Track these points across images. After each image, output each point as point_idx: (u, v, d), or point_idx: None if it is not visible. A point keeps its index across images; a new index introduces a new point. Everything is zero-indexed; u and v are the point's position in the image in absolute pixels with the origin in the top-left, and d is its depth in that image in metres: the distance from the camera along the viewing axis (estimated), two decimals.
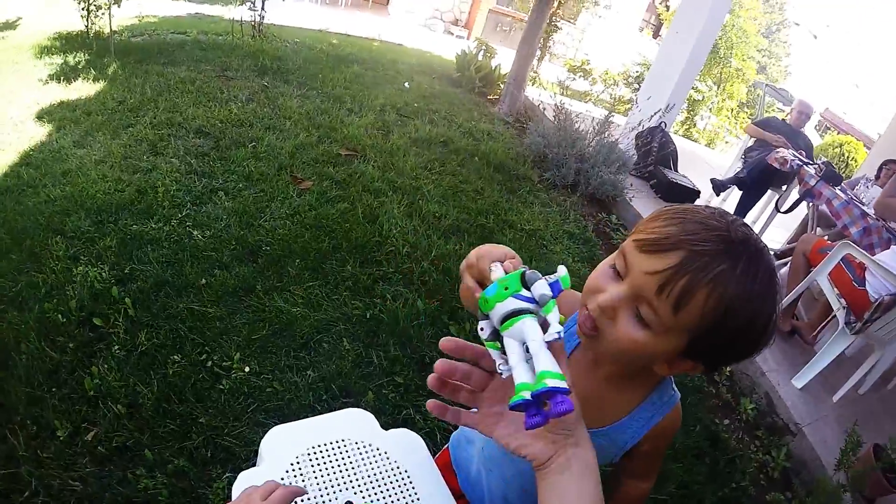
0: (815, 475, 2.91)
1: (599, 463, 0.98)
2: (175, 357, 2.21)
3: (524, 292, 0.65)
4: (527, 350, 0.63)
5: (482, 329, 0.68)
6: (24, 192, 3.07)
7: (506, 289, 0.65)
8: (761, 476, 2.86)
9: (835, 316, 3.72)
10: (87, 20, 5.74)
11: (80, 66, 5.04)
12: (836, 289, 3.64)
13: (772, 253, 4.10)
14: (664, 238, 0.76)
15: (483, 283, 0.71)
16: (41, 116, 3.99)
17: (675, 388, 1.01)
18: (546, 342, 0.62)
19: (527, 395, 0.60)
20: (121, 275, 2.58)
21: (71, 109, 4.18)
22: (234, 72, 5.74)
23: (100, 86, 4.72)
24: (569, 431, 0.66)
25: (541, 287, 0.64)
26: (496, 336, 0.67)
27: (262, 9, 7.09)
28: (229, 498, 1.76)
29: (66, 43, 5.58)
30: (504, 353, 0.65)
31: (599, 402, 0.98)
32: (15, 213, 2.85)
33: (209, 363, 2.23)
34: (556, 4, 9.70)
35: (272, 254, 2.95)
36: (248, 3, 7.03)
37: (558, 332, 0.63)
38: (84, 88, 4.61)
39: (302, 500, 1.01)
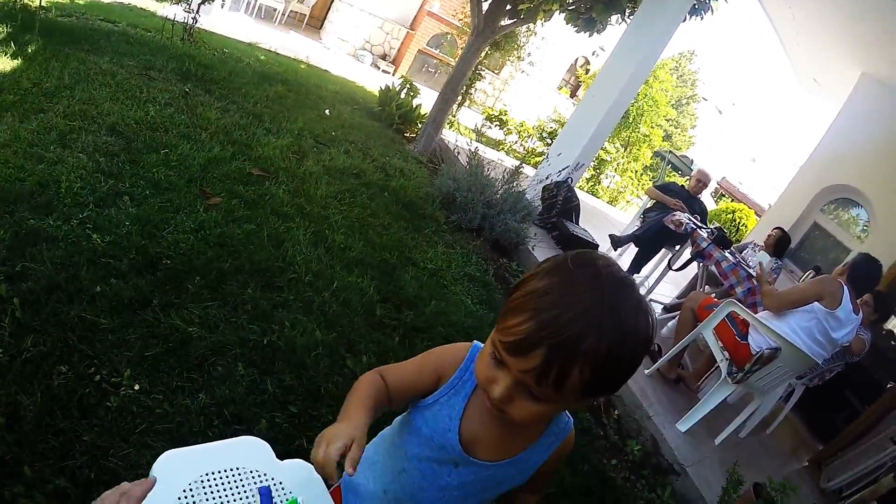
0: None
1: (509, 487, 1.19)
2: (62, 368, 2.11)
3: None
4: None
5: None
6: None
7: None
8: None
9: (717, 367, 4.03)
10: None
11: None
12: (719, 342, 3.97)
13: (661, 305, 4.34)
14: (524, 339, 0.84)
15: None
16: None
17: (568, 414, 1.16)
18: None
19: None
20: (11, 272, 2.44)
21: None
22: (158, 72, 5.62)
23: (16, 63, 4.51)
24: None
25: None
26: None
27: (197, 12, 6.99)
28: None
29: None
30: None
31: (506, 439, 1.10)
32: None
33: (97, 377, 2.14)
34: (483, 55, 10.06)
35: (172, 268, 2.89)
36: (184, 4, 6.91)
37: None
38: (0, 63, 4.41)
39: None
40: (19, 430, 1.86)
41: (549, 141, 13.42)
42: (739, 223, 14.34)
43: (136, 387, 2.18)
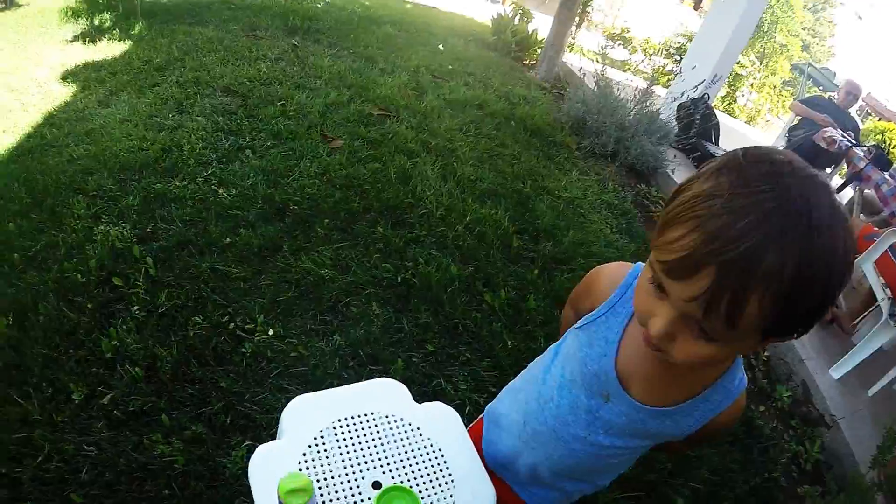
0: (849, 471, 2.75)
1: (658, 442, 1.01)
2: (196, 319, 2.11)
3: None
4: None
5: None
6: (47, 151, 2.99)
7: None
8: (793, 467, 2.71)
9: (876, 306, 3.52)
10: None
11: (105, 27, 4.92)
12: (881, 278, 3.45)
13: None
14: (686, 257, 0.65)
15: None
16: (66, 77, 3.90)
17: (743, 371, 0.92)
18: None
19: None
20: (142, 234, 2.48)
21: (96, 70, 4.07)
22: (264, 31, 5.58)
23: (125, 46, 4.61)
24: None
25: None
26: None
27: None
28: (247, 468, 1.68)
29: (92, 4, 5.43)
30: None
31: (665, 381, 0.90)
32: (36, 173, 2.76)
33: (231, 325, 2.13)
34: None
35: (300, 213, 2.83)
36: None
37: None
38: (109, 49, 4.51)
39: (325, 479, 0.91)
40: (157, 381, 1.90)
41: (677, 58, 12.42)
42: (890, 145, 12.63)
43: (270, 332, 2.15)
